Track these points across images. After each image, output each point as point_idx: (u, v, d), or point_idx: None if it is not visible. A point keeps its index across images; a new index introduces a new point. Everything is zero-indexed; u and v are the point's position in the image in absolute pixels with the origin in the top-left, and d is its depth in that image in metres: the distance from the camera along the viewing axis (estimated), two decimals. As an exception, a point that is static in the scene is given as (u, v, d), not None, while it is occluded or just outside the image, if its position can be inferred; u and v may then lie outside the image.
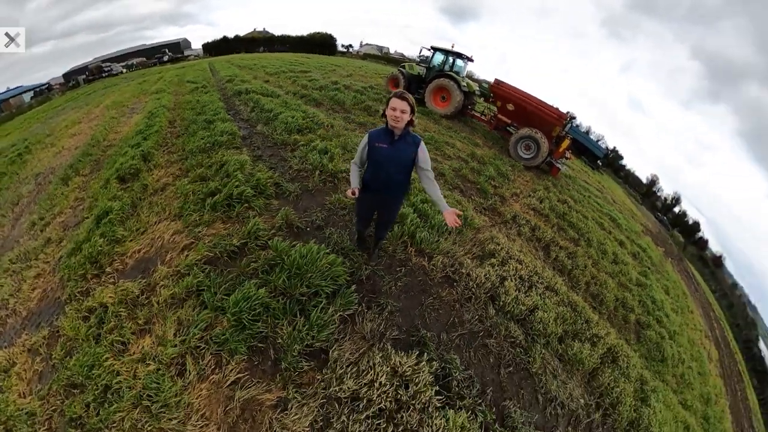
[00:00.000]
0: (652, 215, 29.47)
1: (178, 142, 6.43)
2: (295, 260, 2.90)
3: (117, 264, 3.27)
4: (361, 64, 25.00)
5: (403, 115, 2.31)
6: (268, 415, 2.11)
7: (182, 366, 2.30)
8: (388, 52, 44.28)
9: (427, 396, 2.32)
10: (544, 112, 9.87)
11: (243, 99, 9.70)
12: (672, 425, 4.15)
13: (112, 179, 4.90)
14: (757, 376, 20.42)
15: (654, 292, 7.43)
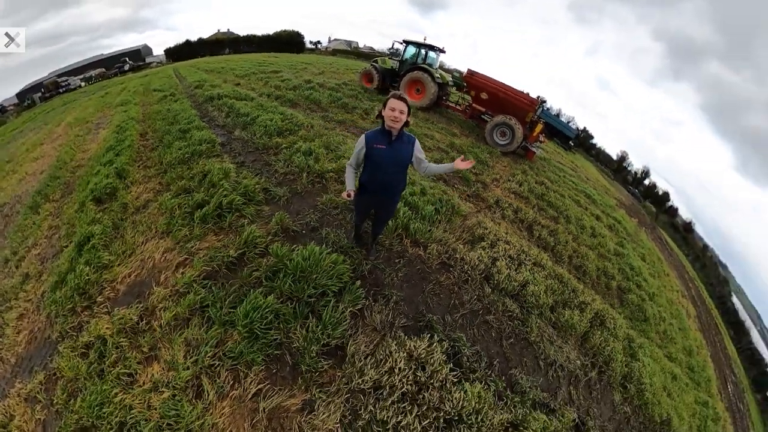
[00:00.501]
0: (625, 189, 31.00)
1: (153, 156, 6.25)
2: (298, 263, 2.97)
3: (108, 292, 3.10)
4: (331, 60, 24.80)
5: (401, 115, 2.33)
6: (295, 420, 2.17)
7: (199, 387, 2.27)
8: (357, 47, 43.97)
9: (443, 374, 2.51)
10: (516, 99, 10.26)
11: (216, 104, 9.52)
12: (660, 376, 4.56)
13: (88, 201, 4.61)
14: (733, 327, 22.10)
15: (631, 260, 7.96)
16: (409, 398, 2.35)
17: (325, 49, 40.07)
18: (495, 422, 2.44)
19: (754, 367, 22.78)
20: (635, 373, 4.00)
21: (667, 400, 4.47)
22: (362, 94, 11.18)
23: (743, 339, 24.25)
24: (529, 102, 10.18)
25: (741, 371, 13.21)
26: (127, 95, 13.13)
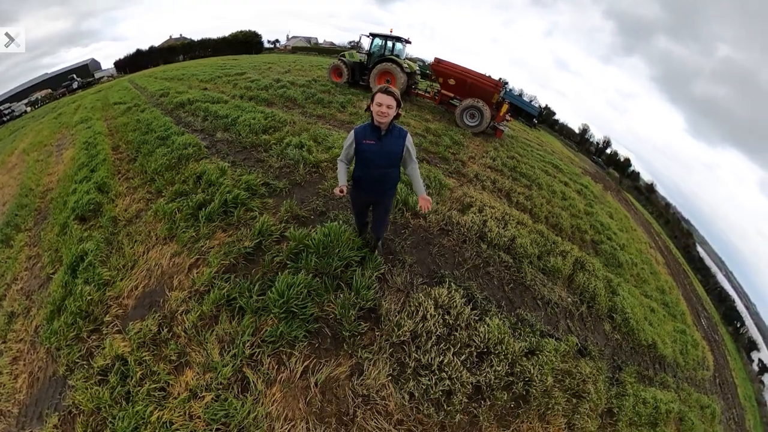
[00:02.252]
0: (589, 159, 33.05)
1: (134, 167, 5.91)
2: (320, 241, 3.26)
3: (115, 309, 2.97)
4: (293, 58, 24.64)
5: (389, 110, 2.29)
6: (347, 386, 2.35)
7: (243, 381, 2.30)
8: (317, 43, 43.54)
9: (466, 314, 2.99)
10: (482, 83, 11.00)
11: (189, 110, 9.46)
12: (640, 309, 5.32)
13: (71, 222, 4.42)
14: (699, 272, 24.35)
15: (600, 218, 8.85)
16: (443, 340, 2.78)
17: (284, 47, 39.37)
18: (516, 350, 2.95)
19: (722, 305, 25.37)
20: (618, 306, 4.69)
21: (650, 328, 5.24)
22: (334, 89, 11.46)
23: (710, 281, 26.95)
24: (493, 84, 10.91)
25: (711, 308, 14.87)
26: (85, 113, 12.65)
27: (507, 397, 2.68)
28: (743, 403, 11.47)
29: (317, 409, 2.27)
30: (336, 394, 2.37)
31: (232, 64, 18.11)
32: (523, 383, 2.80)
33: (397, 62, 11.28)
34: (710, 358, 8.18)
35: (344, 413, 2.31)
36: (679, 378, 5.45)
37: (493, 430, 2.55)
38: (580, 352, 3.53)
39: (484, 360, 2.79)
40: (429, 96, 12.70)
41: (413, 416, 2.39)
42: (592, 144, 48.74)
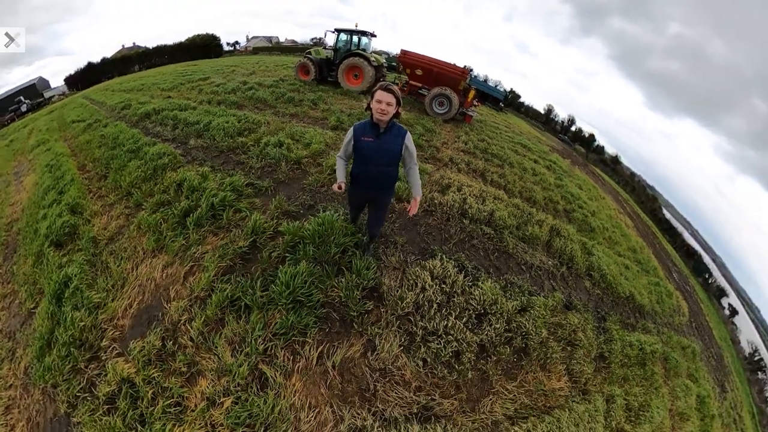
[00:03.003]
0: (555, 137, 34.37)
1: (106, 183, 5.70)
2: (315, 230, 3.36)
3: (111, 332, 2.86)
4: (256, 59, 24.08)
5: (389, 107, 2.30)
6: (363, 363, 2.48)
7: (260, 377, 2.33)
8: (279, 42, 42.56)
9: (460, 282, 3.23)
10: (448, 71, 11.31)
11: (156, 119, 9.17)
12: (615, 266, 5.75)
13: (46, 249, 4.13)
14: (668, 232, 26.15)
15: (570, 189, 9.39)
16: (444, 306, 3.00)
17: (245, 49, 38.13)
18: (510, 308, 3.21)
19: (690, 259, 27.37)
20: (595, 264, 5.08)
21: (626, 282, 5.69)
22: (303, 87, 11.41)
23: (677, 239, 29.16)
24: (459, 72, 11.26)
25: (681, 263, 16.11)
26: (40, 135, 11.97)
27: (509, 351, 2.93)
28: (720, 342, 12.56)
29: (339, 391, 2.38)
30: (354, 373, 2.50)
31: (193, 70, 17.54)
32: (521, 337, 3.06)
33: (365, 56, 11.36)
34: (684, 306, 8.91)
35: (365, 390, 2.44)
36: (659, 324, 5.97)
37: (502, 383, 2.79)
38: (566, 307, 3.85)
39: (483, 320, 3.02)
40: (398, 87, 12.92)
41: (429, 381, 2.59)
42: (557, 123, 50.69)
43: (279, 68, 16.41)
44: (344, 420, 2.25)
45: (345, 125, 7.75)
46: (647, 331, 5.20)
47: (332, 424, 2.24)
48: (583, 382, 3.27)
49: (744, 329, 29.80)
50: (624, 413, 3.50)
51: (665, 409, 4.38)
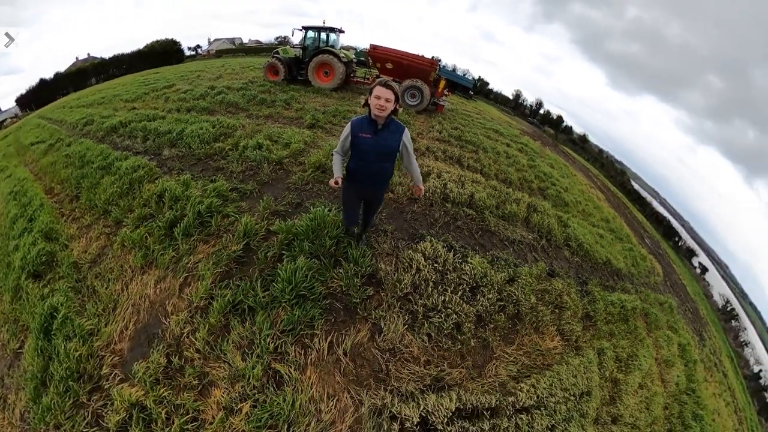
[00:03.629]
0: (525, 121, 35.41)
1: (79, 204, 5.47)
2: (308, 226, 3.45)
3: (110, 359, 2.74)
4: (220, 62, 23.35)
5: (387, 104, 2.31)
6: (372, 346, 2.61)
7: (275, 376, 2.38)
8: (242, 43, 41.22)
9: (451, 260, 3.44)
10: (418, 63, 11.57)
11: (124, 133, 8.81)
12: (590, 236, 6.14)
13: (24, 283, 3.85)
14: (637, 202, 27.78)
15: (543, 169, 9.86)
16: (439, 283, 3.20)
17: (207, 52, 36.62)
18: (499, 279, 3.46)
19: (660, 226, 29.20)
20: (572, 235, 5.44)
21: (602, 249, 6.09)
22: (274, 88, 11.29)
23: (647, 208, 31.17)
24: (429, 64, 11.52)
25: (652, 230, 17.18)
26: (-4, 162, 11.29)
27: (504, 318, 3.17)
28: (694, 297, 13.51)
29: (354, 377, 2.49)
30: (365, 357, 2.63)
31: (155, 78, 16.91)
32: (513, 305, 3.30)
33: (334, 53, 11.36)
34: (658, 267, 9.57)
35: (378, 371, 2.58)
36: (636, 284, 6.44)
37: (502, 348, 3.03)
38: (550, 274, 4.13)
39: (477, 292, 3.24)
40: (368, 82, 12.97)
41: (436, 354, 2.77)
42: (526, 107, 52.14)
43: (246, 70, 16.10)
44: (363, 403, 2.37)
45: (321, 123, 7.80)
46: (626, 291, 5.61)
47: (352, 409, 2.35)
48: (574, 340, 3.56)
49: (715, 284, 32.31)
50: (615, 364, 3.85)
51: (651, 357, 4.80)
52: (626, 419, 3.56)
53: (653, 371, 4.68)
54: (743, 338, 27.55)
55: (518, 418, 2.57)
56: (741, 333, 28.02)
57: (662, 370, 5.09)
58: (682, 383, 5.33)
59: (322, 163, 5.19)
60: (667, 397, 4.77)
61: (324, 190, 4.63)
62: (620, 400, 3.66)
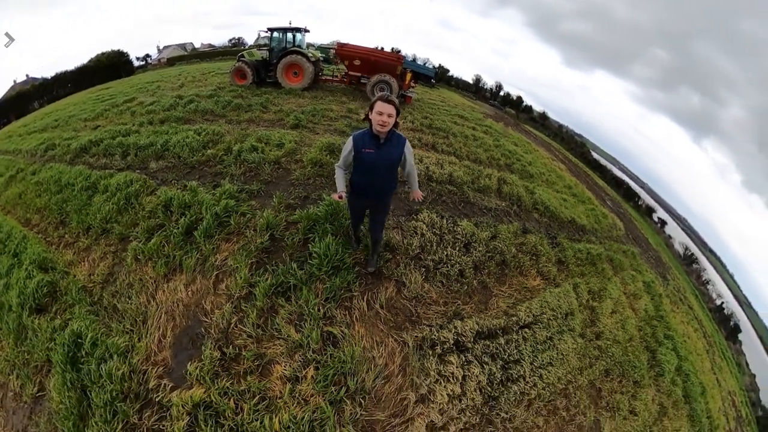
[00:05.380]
0: (486, 104, 37.23)
1: (69, 229, 5.33)
2: (327, 211, 4.09)
3: (155, 370, 2.76)
4: (176, 71, 22.68)
5: (389, 119, 2.38)
6: (401, 298, 3.32)
7: (329, 338, 2.78)
8: (195, 48, 39.58)
9: (445, 225, 4.33)
10: (385, 58, 12.55)
11: (98, 152, 8.46)
12: (554, 200, 7.24)
13: (27, 320, 3.61)
14: (598, 170, 30.45)
15: (508, 147, 11.10)
16: (440, 243, 4.06)
17: (158, 61, 34.87)
18: (484, 236, 4.37)
19: (620, 188, 32.14)
20: (539, 200, 6.49)
21: (566, 210, 7.19)
22: (246, 92, 11.55)
23: (607, 174, 34.30)
24: (395, 58, 12.51)
25: (613, 193, 19.19)
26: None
27: (494, 265, 4.09)
28: (656, 248, 15.33)
29: (393, 324, 3.13)
30: (397, 307, 3.36)
31: (109, 94, 16.41)
32: (499, 255, 4.23)
33: (302, 53, 11.81)
34: (620, 223, 11.04)
35: (410, 316, 3.35)
36: (600, 237, 7.66)
37: (497, 287, 3.99)
38: (524, 231, 5.12)
39: (469, 247, 4.13)
40: (338, 80, 13.55)
41: (450, 296, 3.65)
42: (486, 91, 54.31)
43: (208, 76, 16.06)
44: (407, 342, 3.07)
45: (303, 123, 8.33)
46: (591, 243, 6.75)
47: (399, 349, 3.03)
48: (552, 278, 4.59)
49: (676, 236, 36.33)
50: (588, 295, 4.88)
51: (620, 291, 5.93)
52: (607, 335, 4.62)
53: (623, 301, 5.81)
54: (705, 277, 31.50)
55: (523, 332, 3.55)
56: (702, 273, 31.81)
57: (631, 302, 6.24)
58: (651, 311, 6.54)
59: (318, 159, 5.81)
60: (639, 321, 5.93)
61: (327, 182, 5.26)
62: (599, 321, 4.75)
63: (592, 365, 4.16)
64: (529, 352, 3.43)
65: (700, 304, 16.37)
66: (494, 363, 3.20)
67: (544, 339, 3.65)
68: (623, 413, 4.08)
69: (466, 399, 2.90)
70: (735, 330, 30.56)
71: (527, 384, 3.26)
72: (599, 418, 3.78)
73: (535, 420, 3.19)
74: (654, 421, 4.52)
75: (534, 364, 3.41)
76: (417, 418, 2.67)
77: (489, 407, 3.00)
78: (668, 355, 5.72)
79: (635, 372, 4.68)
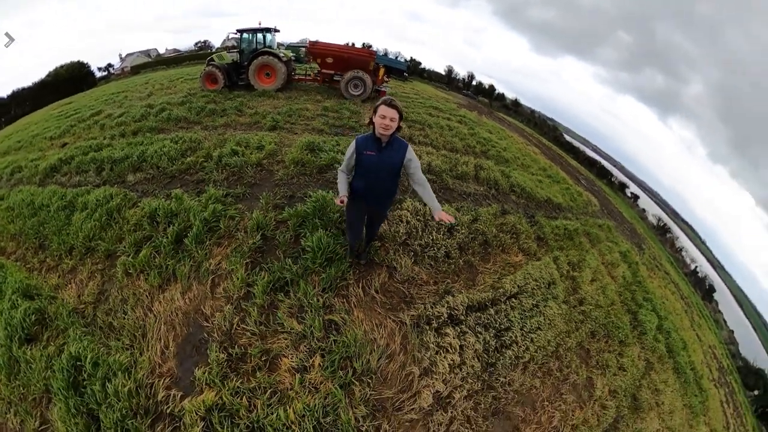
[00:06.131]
0: (459, 94, 37.83)
1: (50, 251, 5.09)
2: (316, 206, 4.25)
3: (161, 382, 2.79)
4: (142, 80, 21.91)
5: (392, 123, 2.43)
6: (393, 282, 3.60)
7: (331, 326, 2.97)
8: (160, 55, 38.16)
9: (427, 211, 4.51)
10: (357, 55, 12.71)
11: (69, 169, 8.18)
12: (530, 182, 7.62)
13: (17, 351, 3.45)
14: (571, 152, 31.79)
15: (482, 135, 11.54)
16: (425, 228, 4.33)
17: (122, 70, 33.35)
18: (466, 220, 4.66)
19: (594, 168, 33.59)
20: (515, 182, 6.86)
21: (542, 190, 7.58)
22: (218, 97, 11.43)
23: (580, 155, 35.94)
24: (368, 54, 12.72)
25: (586, 173, 20.12)
26: None
27: (477, 245, 4.36)
28: (631, 221, 16.15)
29: (389, 306, 3.38)
30: (391, 291, 3.63)
31: (73, 108, 15.81)
32: (481, 236, 4.50)
33: (273, 53, 11.78)
34: (594, 200, 11.65)
35: (404, 297, 3.62)
36: (576, 213, 8.10)
37: (482, 265, 4.30)
38: (503, 212, 5.44)
39: (453, 230, 4.41)
40: (311, 78, 13.59)
41: (439, 275, 3.93)
42: (459, 81, 55.03)
43: (177, 83, 15.72)
44: (405, 321, 3.32)
45: (281, 124, 8.40)
46: (568, 219, 7.16)
47: (397, 328, 3.28)
48: (533, 253, 4.92)
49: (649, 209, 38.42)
50: (568, 266, 5.24)
51: (598, 261, 6.35)
52: (589, 301, 5.01)
53: (601, 270, 6.24)
54: (678, 245, 33.57)
55: (510, 302, 3.89)
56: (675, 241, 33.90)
57: (609, 270, 6.70)
58: (629, 277, 7.03)
59: (300, 158, 5.93)
60: (618, 287, 6.37)
61: (310, 180, 5.40)
62: (581, 289, 5.15)
63: (578, 328, 4.52)
64: (518, 319, 3.76)
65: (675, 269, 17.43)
66: (487, 332, 3.50)
67: (531, 306, 4.00)
68: (612, 370, 4.44)
69: (466, 367, 3.17)
70: (710, 290, 32.88)
71: (520, 348, 3.57)
72: (591, 376, 4.11)
73: (532, 382, 3.50)
74: (642, 375, 4.91)
75: (524, 330, 3.73)
76: (423, 391, 2.90)
77: (488, 373, 3.29)
78: (649, 315, 6.21)
79: (619, 332, 5.10)
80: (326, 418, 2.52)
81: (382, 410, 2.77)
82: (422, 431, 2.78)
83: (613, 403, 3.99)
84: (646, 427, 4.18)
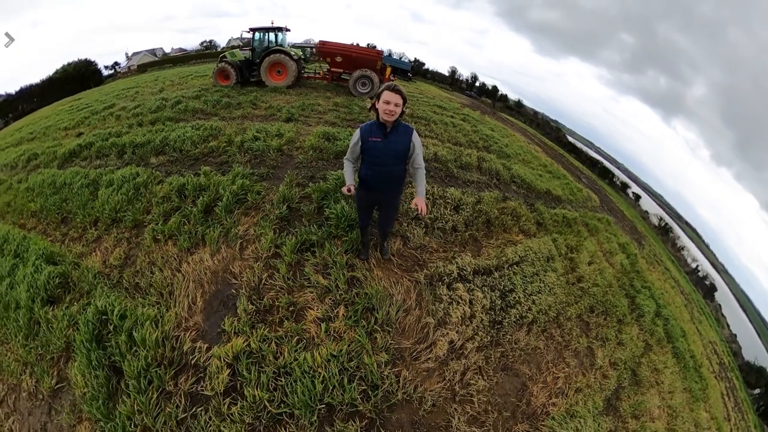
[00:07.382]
0: (463, 94, 38.75)
1: (74, 223, 5.33)
2: (336, 184, 4.80)
3: (188, 335, 2.91)
4: (151, 77, 22.50)
5: (396, 108, 2.45)
6: (407, 248, 4.05)
7: (354, 281, 3.27)
8: (166, 54, 38.87)
9: (437, 191, 5.21)
10: (366, 55, 13.58)
11: (90, 154, 8.40)
12: (531, 175, 8.19)
13: (39, 312, 3.48)
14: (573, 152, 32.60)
15: (485, 132, 12.15)
16: (434, 205, 4.94)
17: (128, 69, 34.00)
18: (470, 201, 5.20)
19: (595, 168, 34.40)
20: (515, 174, 7.47)
21: (542, 183, 8.13)
22: (232, 92, 11.98)
23: (582, 155, 36.94)
24: (375, 54, 13.46)
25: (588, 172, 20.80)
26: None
27: (480, 223, 4.89)
28: (631, 219, 16.71)
29: (405, 268, 3.88)
30: (406, 256, 4.14)
31: (84, 103, 16.25)
32: (484, 215, 5.06)
33: (286, 52, 12.42)
34: (595, 197, 12.25)
35: (417, 261, 4.11)
36: (575, 206, 8.63)
37: (485, 240, 4.87)
38: (503, 199, 5.96)
39: (459, 209, 5.02)
40: (320, 76, 14.25)
41: (447, 245, 4.47)
42: (462, 82, 55.86)
43: (188, 80, 16.28)
44: (419, 280, 3.78)
45: (296, 117, 8.94)
46: (566, 210, 7.69)
47: (413, 286, 3.74)
48: (533, 234, 5.42)
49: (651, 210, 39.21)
50: (566, 248, 5.75)
51: (596, 247, 6.85)
52: (587, 280, 5.45)
53: (599, 255, 6.73)
54: (680, 244, 34.26)
55: (513, 268, 4.42)
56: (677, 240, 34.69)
57: (607, 257, 7.18)
58: (627, 266, 7.44)
59: (318, 145, 6.49)
60: (616, 272, 6.81)
61: (328, 164, 5.94)
62: (578, 268, 5.66)
63: (577, 302, 4.92)
64: (520, 282, 4.30)
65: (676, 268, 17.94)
66: (493, 293, 4.01)
67: (532, 273, 4.56)
68: (612, 343, 4.69)
69: (476, 320, 3.63)
70: (711, 289, 33.24)
71: (523, 308, 4.04)
72: (591, 346, 4.43)
73: (536, 343, 3.86)
74: (641, 353, 5.15)
75: (526, 292, 4.23)
76: (439, 341, 3.23)
77: (496, 330, 3.69)
78: (647, 301, 6.49)
79: (617, 310, 5.38)
80: (350, 362, 2.73)
81: (401, 359, 3.03)
82: (439, 379, 3.01)
83: (614, 374, 4.25)
84: (647, 400, 4.35)
